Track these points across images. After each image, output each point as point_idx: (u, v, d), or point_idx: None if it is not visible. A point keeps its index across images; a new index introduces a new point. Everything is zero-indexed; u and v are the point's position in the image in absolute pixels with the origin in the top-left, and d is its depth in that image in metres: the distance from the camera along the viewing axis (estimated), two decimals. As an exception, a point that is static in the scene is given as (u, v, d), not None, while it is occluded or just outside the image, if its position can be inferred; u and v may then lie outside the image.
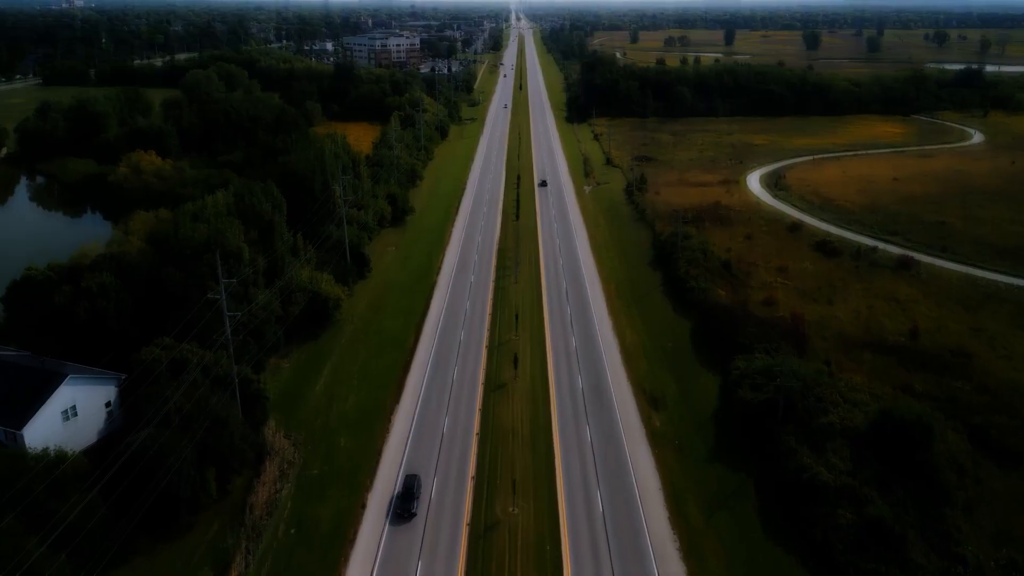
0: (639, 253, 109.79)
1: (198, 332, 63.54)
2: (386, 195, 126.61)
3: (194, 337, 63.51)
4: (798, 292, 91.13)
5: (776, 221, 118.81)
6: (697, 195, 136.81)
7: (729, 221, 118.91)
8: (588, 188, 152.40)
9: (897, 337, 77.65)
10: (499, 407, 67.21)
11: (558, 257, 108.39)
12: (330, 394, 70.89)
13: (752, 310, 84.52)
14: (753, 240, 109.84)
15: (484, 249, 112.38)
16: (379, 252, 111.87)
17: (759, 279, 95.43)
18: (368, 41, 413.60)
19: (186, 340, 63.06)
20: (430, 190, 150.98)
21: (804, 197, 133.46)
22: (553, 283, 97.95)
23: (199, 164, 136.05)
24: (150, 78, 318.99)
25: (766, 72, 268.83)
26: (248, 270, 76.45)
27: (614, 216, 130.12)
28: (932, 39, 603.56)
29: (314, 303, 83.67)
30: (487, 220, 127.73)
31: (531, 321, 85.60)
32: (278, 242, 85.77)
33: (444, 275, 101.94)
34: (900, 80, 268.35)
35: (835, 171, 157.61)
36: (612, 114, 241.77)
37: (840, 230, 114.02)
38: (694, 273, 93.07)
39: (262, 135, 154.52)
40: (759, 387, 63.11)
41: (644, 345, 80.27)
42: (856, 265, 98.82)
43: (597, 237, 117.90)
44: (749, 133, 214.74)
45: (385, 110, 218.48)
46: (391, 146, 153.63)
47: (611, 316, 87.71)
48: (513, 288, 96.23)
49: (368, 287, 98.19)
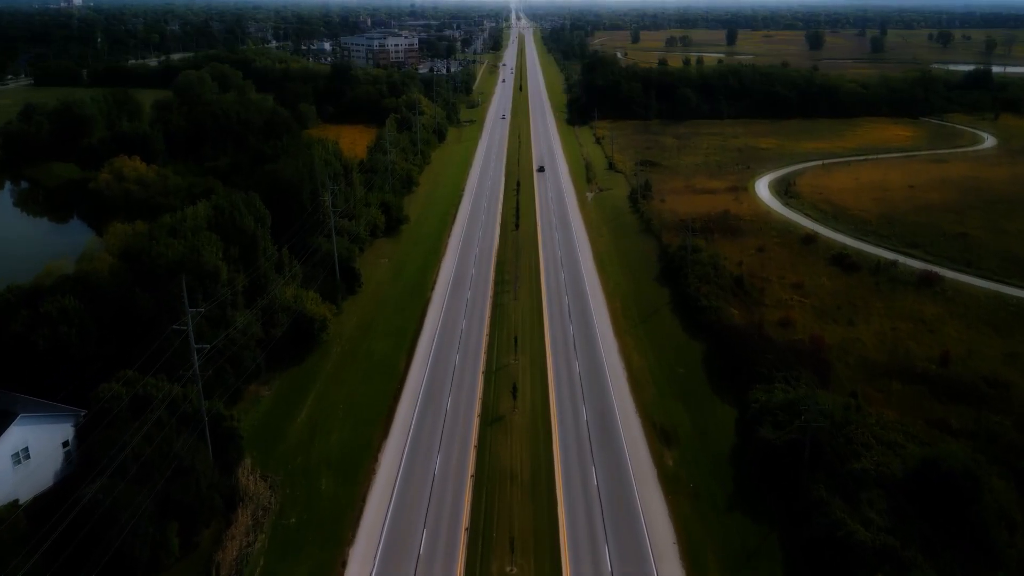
0: (645, 266, 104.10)
1: (167, 362, 57.86)
2: (380, 203, 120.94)
3: (163, 368, 57.82)
4: (816, 311, 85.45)
5: (789, 232, 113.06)
6: (704, 203, 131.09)
7: (739, 232, 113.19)
8: (590, 195, 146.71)
9: (926, 364, 71.94)
10: (496, 444, 61.54)
11: (560, 270, 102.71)
12: (313, 427, 65.22)
13: (768, 332, 78.84)
14: (765, 253, 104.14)
15: (482, 261, 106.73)
16: (371, 264, 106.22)
17: (773, 296, 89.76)
18: (366, 41, 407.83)
19: (152, 372, 57.38)
20: (426, 196, 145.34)
21: (816, 206, 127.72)
22: (555, 299, 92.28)
23: (185, 170, 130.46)
24: (144, 78, 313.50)
25: (771, 73, 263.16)
26: (226, 291, 70.79)
27: (618, 225, 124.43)
28: (936, 39, 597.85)
29: (299, 324, 78.02)
30: (485, 229, 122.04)
31: (531, 343, 79.91)
32: (261, 258, 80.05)
33: (439, 290, 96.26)
34: (908, 82, 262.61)
35: (847, 177, 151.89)
36: (614, 116, 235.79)
37: (857, 242, 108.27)
38: (705, 290, 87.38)
39: (252, 139, 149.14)
40: (782, 425, 57.42)
41: (653, 371, 74.60)
42: (876, 281, 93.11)
43: (600, 248, 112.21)
44: (755, 136, 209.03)
45: (382, 112, 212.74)
46: (386, 151, 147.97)
47: (617, 337, 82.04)
48: (512, 305, 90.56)
49: (358, 303, 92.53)
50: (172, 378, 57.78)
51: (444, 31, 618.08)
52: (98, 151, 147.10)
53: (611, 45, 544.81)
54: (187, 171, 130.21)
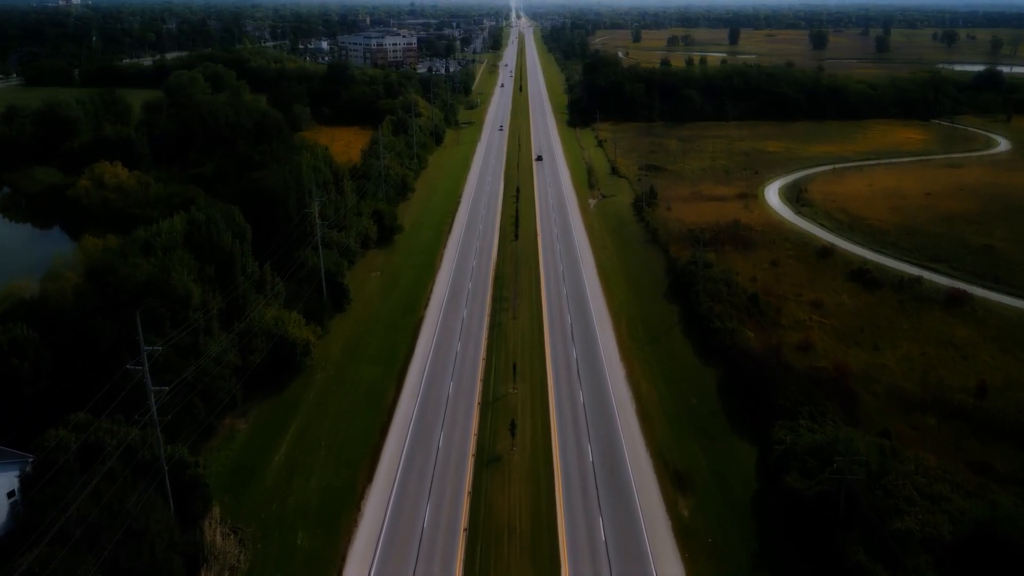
0: (652, 282, 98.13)
1: (126, 401, 51.93)
2: (372, 212, 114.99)
3: (121, 408, 51.90)
4: (837, 333, 79.49)
5: (804, 244, 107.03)
6: (713, 211, 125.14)
7: (751, 244, 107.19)
8: (593, 202, 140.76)
9: (962, 396, 65.98)
10: (493, 490, 55.60)
11: (561, 286, 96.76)
12: (292, 467, 59.29)
13: (787, 357, 72.93)
14: (780, 267, 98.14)
15: (479, 275, 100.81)
16: (361, 278, 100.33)
17: (791, 316, 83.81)
18: (364, 40, 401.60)
19: (108, 413, 51.39)
20: (422, 204, 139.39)
21: (831, 215, 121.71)
22: (557, 319, 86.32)
23: (168, 177, 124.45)
24: (137, 78, 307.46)
25: (777, 74, 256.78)
26: (198, 316, 64.87)
27: (622, 236, 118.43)
28: (940, 39, 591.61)
29: (280, 349, 72.05)
30: (483, 240, 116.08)
31: (531, 369, 73.98)
32: (240, 277, 74.11)
33: (433, 308, 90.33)
34: (917, 83, 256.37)
35: (860, 183, 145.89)
36: (616, 118, 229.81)
37: (876, 255, 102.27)
38: (718, 310, 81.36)
39: (241, 144, 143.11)
40: (811, 472, 51.49)
41: (664, 401, 68.68)
42: (900, 300, 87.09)
43: (604, 261, 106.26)
44: (762, 139, 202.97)
45: (378, 114, 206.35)
46: (380, 156, 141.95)
47: (623, 361, 76.12)
48: (511, 325, 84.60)
49: (346, 323, 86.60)
50: (131, 420, 51.79)
51: (443, 30, 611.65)
52: (80, 156, 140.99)
53: (612, 44, 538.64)
54: (171, 178, 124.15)
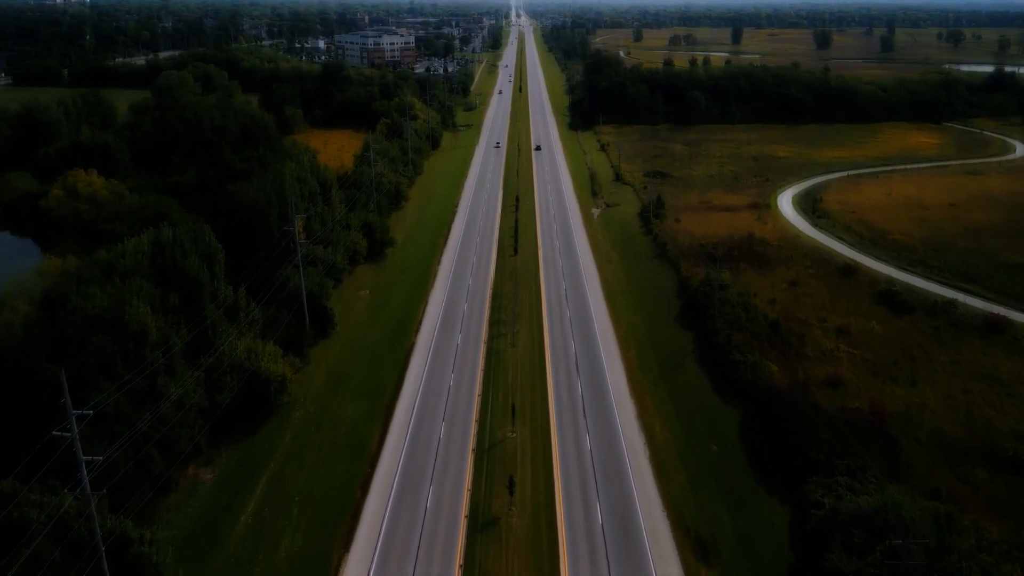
0: (663, 303, 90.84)
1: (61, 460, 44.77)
2: (362, 225, 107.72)
3: (54, 471, 44.72)
4: (868, 366, 72.29)
5: (824, 261, 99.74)
6: (724, 223, 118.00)
7: (767, 261, 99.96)
8: (596, 211, 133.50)
9: (1015, 444, 58.83)
10: (488, 562, 48.40)
11: (564, 307, 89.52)
12: (259, 531, 52.03)
13: (816, 395, 65.82)
14: (800, 288, 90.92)
15: (476, 294, 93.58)
16: (349, 298, 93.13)
17: (816, 344, 76.61)
18: (360, 39, 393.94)
19: (40, 475, 44.27)
20: (416, 213, 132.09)
21: (850, 227, 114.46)
22: (560, 347, 79.08)
23: (146, 185, 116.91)
24: (128, 78, 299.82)
25: (784, 74, 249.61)
26: (157, 355, 57.60)
27: (629, 250, 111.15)
28: (946, 38, 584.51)
29: (252, 387, 64.83)
30: (480, 254, 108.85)
31: (532, 408, 66.75)
32: (208, 306, 66.84)
33: (425, 333, 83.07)
34: (929, 84, 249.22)
35: (877, 192, 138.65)
36: (619, 120, 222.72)
37: (902, 274, 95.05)
38: (737, 339, 74.12)
39: (226, 149, 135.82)
40: (857, 548, 44.33)
41: (680, 447, 61.48)
42: (935, 326, 79.86)
43: (610, 279, 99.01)
44: (770, 143, 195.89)
45: (372, 116, 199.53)
46: (371, 163, 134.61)
47: (634, 398, 68.92)
48: (510, 354, 77.36)
49: (330, 350, 79.36)
50: (67, 485, 44.58)
51: (443, 29, 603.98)
52: (56, 162, 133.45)
53: (613, 44, 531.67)
54: (149, 186, 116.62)
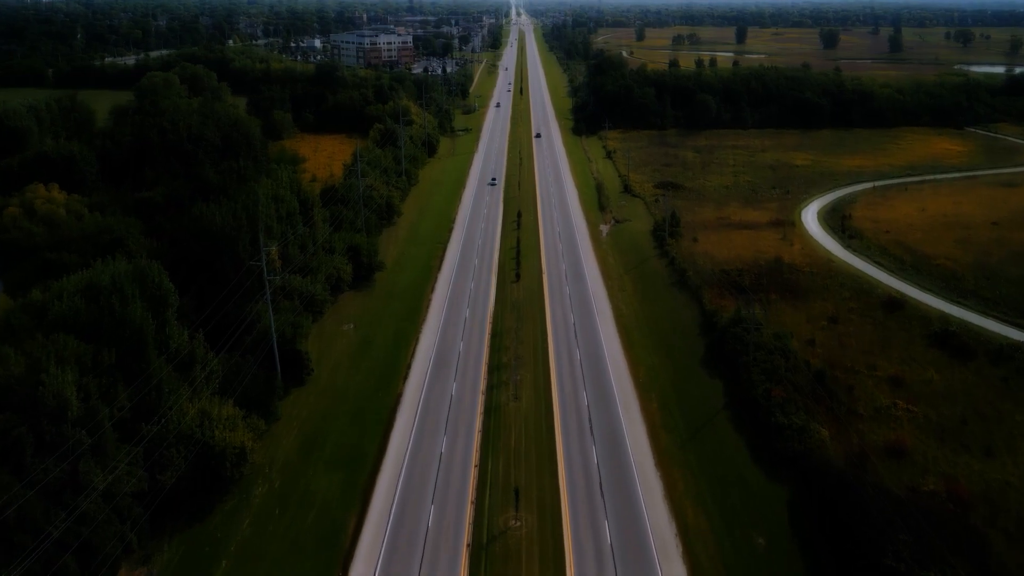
0: (685, 342, 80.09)
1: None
2: (347, 248, 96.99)
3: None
4: (933, 428, 61.65)
5: (864, 292, 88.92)
6: (746, 243, 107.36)
7: (800, 291, 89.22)
8: (605, 228, 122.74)
9: None
10: None
11: (574, 347, 78.86)
12: (199, 663, 41.58)
13: (877, 467, 55.24)
14: (841, 325, 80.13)
15: (473, 330, 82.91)
16: (330, 333, 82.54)
17: (868, 398, 65.95)
18: (356, 39, 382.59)
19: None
20: (409, 230, 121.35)
21: (887, 250, 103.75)
22: (570, 399, 68.44)
23: (112, 202, 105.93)
24: (114, 79, 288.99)
25: (798, 77, 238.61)
26: (78, 435, 46.91)
27: (643, 276, 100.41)
28: (954, 38, 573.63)
29: (205, 461, 54.26)
30: (478, 280, 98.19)
31: (539, 487, 56.06)
32: (153, 363, 56.10)
33: (415, 379, 72.47)
34: (947, 87, 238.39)
35: (909, 207, 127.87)
36: (625, 125, 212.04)
37: (955, 308, 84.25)
38: (778, 396, 63.47)
39: (203, 160, 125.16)
40: None
41: (719, 538, 50.83)
42: (1003, 377, 69.13)
43: (624, 310, 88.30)
44: (786, 150, 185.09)
45: (366, 120, 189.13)
46: (359, 177, 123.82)
47: (660, 469, 58.30)
48: (512, 410, 66.74)
49: (305, 401, 68.73)
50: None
51: (442, 28, 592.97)
52: (19, 175, 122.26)
53: (615, 43, 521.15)
54: (114, 203, 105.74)
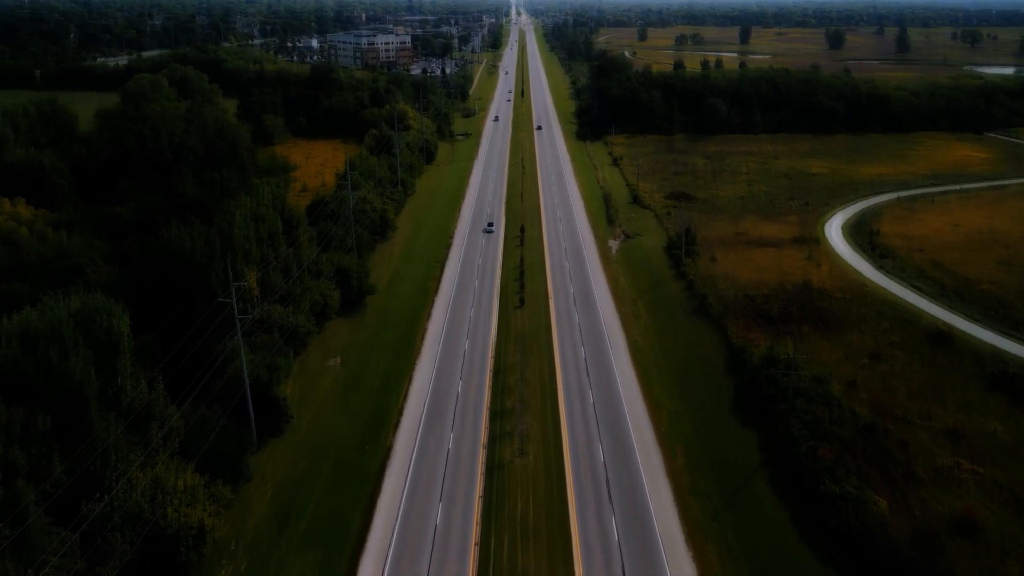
0: (710, 383, 71.63)
1: None
2: (335, 270, 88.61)
3: None
4: (1004, 495, 53.27)
5: (906, 323, 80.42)
6: (769, 264, 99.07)
7: (834, 321, 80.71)
8: (615, 244, 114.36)
9: None
10: None
11: (586, 388, 70.45)
12: None
13: (946, 551, 46.92)
14: (885, 364, 71.70)
15: (473, 367, 74.52)
16: (314, 370, 74.22)
17: (926, 457, 57.53)
18: (354, 39, 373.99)
19: None
20: (404, 247, 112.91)
21: (923, 272, 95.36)
22: (584, 454, 60.00)
23: (80, 219, 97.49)
24: (103, 80, 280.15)
25: (810, 79, 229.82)
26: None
27: (659, 301, 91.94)
28: (960, 38, 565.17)
29: (155, 545, 45.93)
30: (479, 306, 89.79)
31: (550, 571, 47.73)
32: (100, 422, 47.72)
33: (407, 428, 64.11)
34: (964, 90, 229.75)
35: (940, 222, 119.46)
36: (631, 130, 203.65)
37: (1009, 343, 75.73)
38: (825, 456, 54.97)
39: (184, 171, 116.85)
40: None
41: (766, 645, 42.62)
42: (1079, 429, 61.08)
43: (641, 344, 79.78)
44: (800, 157, 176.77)
45: (361, 125, 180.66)
46: (355, 186, 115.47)
47: (690, 543, 49.99)
48: (518, 468, 58.37)
49: (282, 456, 60.39)
50: None
51: (441, 27, 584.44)
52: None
53: (617, 43, 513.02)
54: (85, 219, 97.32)
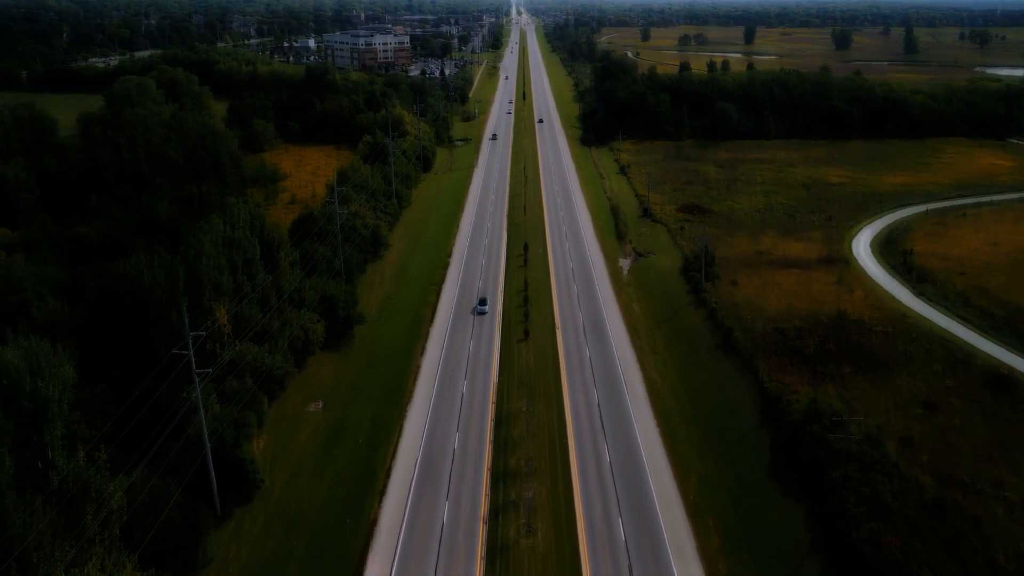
0: (743, 439, 62.85)
1: None
2: (319, 299, 79.86)
3: None
4: (1107, 592, 44.78)
5: (959, 363, 71.55)
6: (797, 289, 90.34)
7: (876, 361, 71.74)
8: (626, 264, 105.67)
9: None
10: None
11: (601, 444, 61.71)
12: None
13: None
14: (942, 414, 62.89)
15: (471, 416, 65.82)
16: (292, 417, 65.57)
17: (1003, 539, 48.82)
18: (351, 39, 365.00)
19: None
20: (398, 267, 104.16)
21: (968, 300, 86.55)
22: (602, 534, 51.20)
23: (41, 240, 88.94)
24: (91, 82, 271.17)
25: (824, 83, 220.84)
26: None
27: (678, 333, 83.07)
28: (968, 38, 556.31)
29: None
30: (479, 337, 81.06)
31: None
32: (13, 523, 38.89)
33: (394, 495, 55.40)
34: (984, 94, 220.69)
35: (976, 239, 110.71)
36: (638, 135, 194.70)
37: (1078, 387, 67.35)
38: (892, 545, 46.27)
39: (162, 184, 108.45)
40: None
41: None
42: None
43: (661, 387, 70.97)
44: (816, 164, 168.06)
45: (355, 131, 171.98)
46: (347, 199, 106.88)
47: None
48: (524, 549, 49.67)
49: (246, 533, 51.68)
50: None
51: (441, 27, 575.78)
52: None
53: (620, 43, 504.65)
54: (48, 240, 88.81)
